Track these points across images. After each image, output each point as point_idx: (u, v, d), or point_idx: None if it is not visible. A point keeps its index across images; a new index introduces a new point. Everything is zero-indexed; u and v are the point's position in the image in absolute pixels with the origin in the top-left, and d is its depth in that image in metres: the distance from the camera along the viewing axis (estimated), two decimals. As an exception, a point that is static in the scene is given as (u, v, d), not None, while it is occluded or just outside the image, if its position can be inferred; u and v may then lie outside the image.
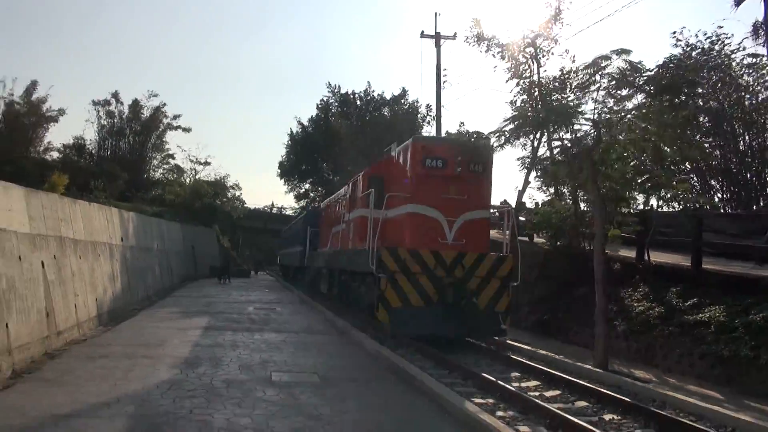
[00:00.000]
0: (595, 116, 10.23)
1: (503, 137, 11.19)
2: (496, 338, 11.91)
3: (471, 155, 11.77)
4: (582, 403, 7.53)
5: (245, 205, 58.04)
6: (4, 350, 8.21)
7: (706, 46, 19.16)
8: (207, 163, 52.24)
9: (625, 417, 6.89)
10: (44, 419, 5.54)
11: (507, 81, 14.85)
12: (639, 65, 9.18)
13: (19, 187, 9.92)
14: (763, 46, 16.74)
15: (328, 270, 17.89)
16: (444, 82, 25.82)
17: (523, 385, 8.60)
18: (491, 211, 12.69)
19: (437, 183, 11.71)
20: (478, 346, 11.84)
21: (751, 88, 19.23)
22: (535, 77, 14.47)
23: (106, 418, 5.65)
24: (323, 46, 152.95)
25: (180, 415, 5.85)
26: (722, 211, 18.44)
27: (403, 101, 47.05)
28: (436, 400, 6.93)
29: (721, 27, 18.98)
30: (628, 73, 9.17)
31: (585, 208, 17.03)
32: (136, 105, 53.15)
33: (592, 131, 10.50)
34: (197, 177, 51.35)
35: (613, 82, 9.28)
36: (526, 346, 11.76)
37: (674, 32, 19.44)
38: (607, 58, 9.27)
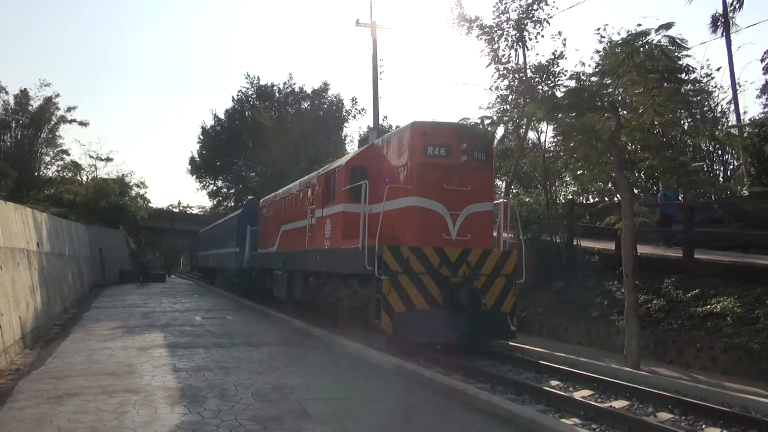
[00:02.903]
0: (615, 99, 9.53)
1: (512, 124, 10.20)
2: (509, 342, 10.97)
3: (475, 142, 10.77)
4: (665, 415, 6.70)
5: (150, 204, 54.05)
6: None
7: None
8: (109, 159, 47.91)
9: (732, 430, 6.12)
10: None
11: (487, 66, 14.06)
12: (681, 42, 8.53)
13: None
14: (722, 37, 17.10)
15: (287, 272, 16.22)
16: (381, 72, 24.81)
17: (577, 395, 7.67)
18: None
19: (439, 173, 10.58)
20: (485, 349, 10.86)
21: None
22: (521, 61, 13.77)
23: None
24: (238, 36, 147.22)
25: (245, 481, 4.31)
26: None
27: (324, 95, 45.44)
28: (528, 428, 5.78)
29: (640, 25, 19.28)
30: (670, 51, 8.49)
31: (556, 200, 16.64)
32: (23, 95, 47.40)
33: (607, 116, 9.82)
34: (96, 174, 46.98)
35: (647, 63, 8.54)
36: (535, 348, 10.92)
37: (598, 29, 19.60)
38: (644, 34, 8.54)
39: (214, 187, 50.90)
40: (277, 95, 45.55)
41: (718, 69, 25.41)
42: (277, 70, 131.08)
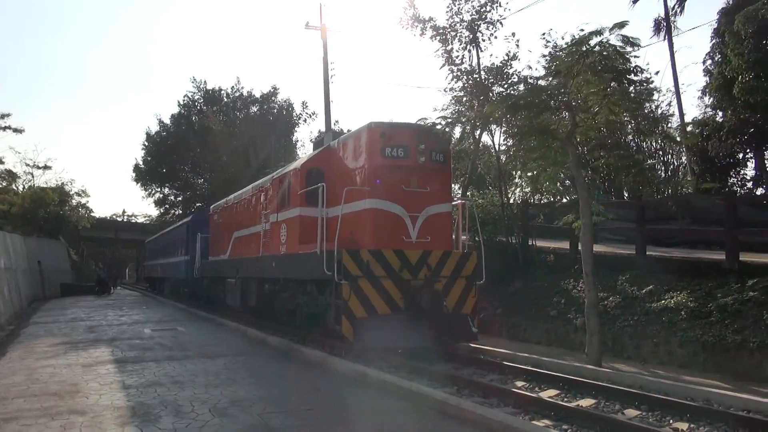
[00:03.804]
0: (570, 98, 9.60)
1: (469, 125, 10.15)
2: (471, 343, 10.88)
3: (433, 143, 10.64)
4: (632, 411, 6.69)
5: (92, 214, 51.95)
6: None
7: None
8: (47, 168, 45.62)
9: (699, 424, 6.15)
10: None
11: (441, 68, 14.02)
12: (635, 41, 8.63)
13: None
14: (664, 40, 17.63)
15: (240, 280, 15.72)
16: (332, 76, 24.58)
17: (544, 395, 7.61)
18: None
19: (398, 174, 10.40)
20: (447, 352, 10.72)
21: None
22: (475, 62, 13.79)
23: None
24: (183, 39, 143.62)
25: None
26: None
27: (274, 99, 44.70)
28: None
29: (582, 30, 19.76)
30: (623, 50, 8.59)
31: (512, 201, 16.77)
32: (-48, 101, 44.69)
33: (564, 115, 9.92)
34: (33, 183, 44.73)
35: (602, 63, 8.61)
36: (497, 349, 10.87)
37: (543, 33, 20.02)
38: (598, 33, 8.61)
39: (161, 195, 49.35)
40: (225, 99, 44.56)
41: (656, 73, 26.53)
42: (225, 75, 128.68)
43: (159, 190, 48.59)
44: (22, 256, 26.69)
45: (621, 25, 8.51)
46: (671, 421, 6.32)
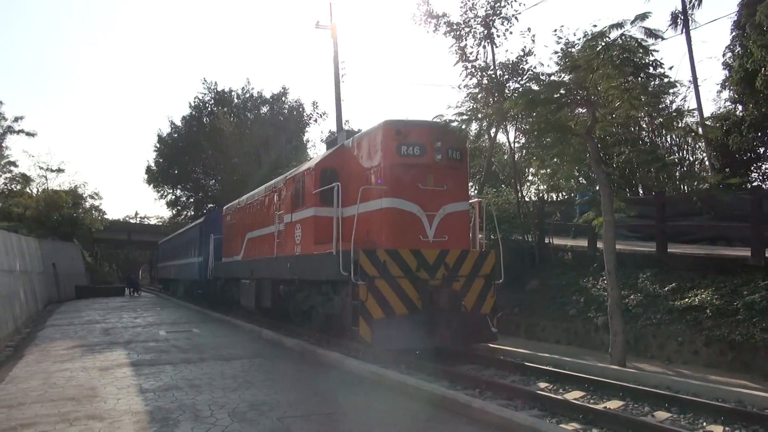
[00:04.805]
0: (590, 93, 9.37)
1: (486, 122, 9.97)
2: (490, 344, 10.70)
3: (449, 140, 10.47)
4: (663, 414, 6.49)
5: (105, 216, 52.30)
6: None
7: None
8: (60, 170, 45.92)
9: (735, 427, 5.94)
10: None
11: (455, 64, 13.84)
12: (657, 32, 8.43)
13: None
14: (682, 33, 17.31)
15: (255, 281, 15.63)
16: (343, 75, 24.44)
17: (569, 397, 7.42)
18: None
19: (414, 173, 10.24)
20: (466, 353, 10.55)
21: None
22: (489, 59, 13.60)
23: None
24: (193, 40, 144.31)
25: None
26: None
27: (284, 99, 44.70)
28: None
29: (595, 26, 19.37)
30: (645, 43, 8.38)
31: (527, 199, 16.56)
32: (-34, 106, 45.06)
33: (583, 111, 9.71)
34: (47, 186, 45.04)
35: (625, 55, 8.39)
36: (517, 349, 10.68)
37: (555, 30, 19.69)
38: (619, 26, 8.40)
39: (173, 197, 49.55)
40: (236, 101, 44.64)
41: (671, 67, 26.18)
42: (235, 76, 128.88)
43: (171, 191, 48.80)
44: (36, 259, 26.86)
45: (643, 16, 8.29)
46: (704, 424, 6.11)
